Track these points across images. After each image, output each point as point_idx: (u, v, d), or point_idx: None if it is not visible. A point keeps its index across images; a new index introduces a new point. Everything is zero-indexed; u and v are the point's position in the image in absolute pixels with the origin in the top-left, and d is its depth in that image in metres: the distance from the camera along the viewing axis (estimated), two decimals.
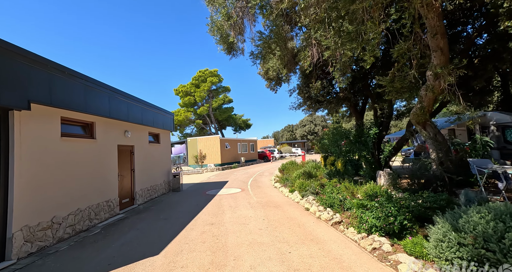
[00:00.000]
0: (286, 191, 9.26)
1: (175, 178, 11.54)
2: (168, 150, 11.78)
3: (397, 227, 3.93)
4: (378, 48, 4.12)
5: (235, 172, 18.87)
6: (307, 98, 9.34)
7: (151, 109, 9.61)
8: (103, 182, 6.60)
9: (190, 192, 11.16)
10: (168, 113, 11.45)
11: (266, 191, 10.10)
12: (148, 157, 9.53)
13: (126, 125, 7.99)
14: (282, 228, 5.27)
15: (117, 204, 7.13)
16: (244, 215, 6.55)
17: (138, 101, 8.51)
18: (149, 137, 9.95)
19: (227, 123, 42.96)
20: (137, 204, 8.37)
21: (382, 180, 7.57)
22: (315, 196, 7.62)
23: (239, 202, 8.28)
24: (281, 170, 14.30)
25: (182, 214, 7.04)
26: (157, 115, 10.18)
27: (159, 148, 10.67)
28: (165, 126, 11.05)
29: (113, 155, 7.16)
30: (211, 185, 12.79)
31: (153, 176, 9.85)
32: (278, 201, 8.11)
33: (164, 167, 11.09)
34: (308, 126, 45.04)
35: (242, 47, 6.90)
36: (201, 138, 23.88)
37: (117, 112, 7.23)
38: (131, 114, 8.05)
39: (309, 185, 8.04)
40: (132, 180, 8.31)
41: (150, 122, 9.50)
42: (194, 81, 36.28)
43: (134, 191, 8.35)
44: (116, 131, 7.44)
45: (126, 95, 7.75)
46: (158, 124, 10.27)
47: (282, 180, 11.02)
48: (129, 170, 8.19)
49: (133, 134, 8.43)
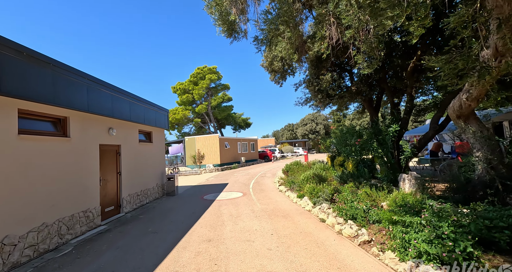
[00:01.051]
0: (294, 196, 8.22)
1: (170, 181, 10.48)
2: (162, 149, 10.71)
3: (462, 257, 2.88)
4: (429, 14, 3.06)
5: (235, 173, 17.82)
6: (317, 92, 8.29)
7: (141, 104, 8.54)
8: (79, 189, 5.53)
9: (186, 196, 10.11)
10: (161, 110, 10.37)
11: (270, 196, 9.06)
12: (138, 158, 8.47)
13: (110, 122, 6.91)
14: (297, 247, 4.23)
15: (98, 213, 6.07)
16: (248, 227, 5.50)
17: (125, 94, 7.43)
18: (140, 135, 8.88)
19: (227, 122, 41.86)
20: (124, 212, 7.31)
21: (407, 185, 6.53)
22: (329, 203, 6.59)
23: (241, 209, 7.24)
24: (285, 171, 13.27)
25: (175, 225, 5.98)
26: (148, 111, 9.10)
27: (152, 147, 9.60)
28: (158, 123, 9.99)
29: (93, 156, 6.10)
30: (210, 188, 11.74)
31: (144, 179, 8.79)
32: (286, 208, 7.06)
33: (157, 168, 10.02)
34: (310, 125, 43.98)
35: (245, 29, 5.84)
36: (199, 137, 22.80)
37: (99, 106, 6.16)
38: (117, 109, 6.98)
39: (322, 190, 7.00)
40: (118, 185, 7.25)
41: (140, 119, 8.43)
42: (193, 79, 35.16)
43: (121, 198, 7.28)
44: (98, 128, 6.38)
45: (110, 87, 6.67)
46: (150, 122, 9.20)
47: (288, 183, 9.98)
48: (114, 173, 7.12)
49: (120, 132, 7.36)
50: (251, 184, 12.19)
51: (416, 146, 8.00)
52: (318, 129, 43.51)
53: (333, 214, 5.64)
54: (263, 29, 6.51)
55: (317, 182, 8.08)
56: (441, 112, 7.40)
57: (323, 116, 46.40)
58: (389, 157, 7.66)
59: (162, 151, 10.64)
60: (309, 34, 7.25)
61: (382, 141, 7.77)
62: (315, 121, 44.61)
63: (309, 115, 45.91)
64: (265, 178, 14.19)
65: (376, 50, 4.72)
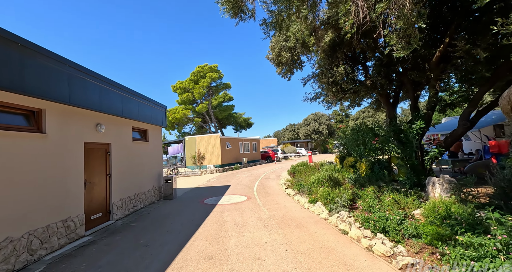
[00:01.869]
0: (304, 201, 7.37)
1: (167, 183, 9.64)
2: (159, 149, 9.88)
3: None
4: None
5: (237, 174, 16.98)
6: (331, 84, 7.43)
7: (135, 98, 7.71)
8: (58, 194, 4.70)
9: (185, 200, 9.27)
10: (158, 106, 9.55)
11: (278, 200, 8.21)
12: (132, 158, 7.64)
13: (98, 117, 6.09)
14: (320, 269, 3.38)
15: (81, 222, 5.23)
16: (257, 240, 4.66)
17: (116, 86, 6.61)
18: (134, 133, 8.06)
19: (228, 122, 41.03)
20: (114, 219, 6.47)
21: (438, 190, 5.67)
22: (347, 210, 5.74)
23: (246, 216, 6.40)
24: (291, 172, 12.42)
25: (171, 236, 5.15)
26: (144, 107, 8.28)
27: (147, 146, 8.77)
28: (155, 120, 9.16)
29: (76, 155, 5.27)
30: (211, 191, 10.90)
31: (138, 181, 7.96)
32: (297, 216, 6.21)
33: (154, 169, 9.19)
34: (313, 125, 43.07)
35: (253, 8, 5.01)
36: (199, 137, 21.98)
37: (83, 99, 5.34)
38: (106, 103, 6.15)
39: (338, 196, 6.15)
40: (107, 188, 6.42)
41: (134, 114, 7.60)
42: (193, 77, 34.38)
43: (110, 203, 6.45)
44: (82, 124, 5.55)
45: (98, 77, 5.85)
46: (145, 118, 8.38)
47: (296, 185, 9.13)
48: (103, 175, 6.29)
49: (110, 129, 6.54)
50: (255, 187, 11.35)
51: (442, 145, 7.14)
52: (321, 130, 42.60)
53: (355, 224, 4.80)
54: (272, 11, 5.70)
55: (331, 185, 7.23)
56: (472, 107, 6.55)
57: (326, 116, 45.48)
58: (412, 158, 6.81)
59: (159, 150, 9.81)
60: (325, 18, 6.39)
61: (405, 139, 6.92)
62: (318, 121, 43.70)
63: (311, 115, 45.00)
64: (270, 180, 13.34)
65: (412, 29, 3.89)
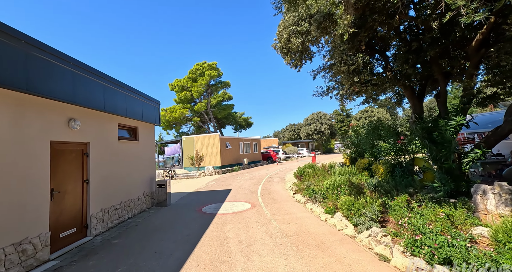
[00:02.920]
0: (320, 211, 6.28)
1: (161, 188, 8.52)
2: (151, 149, 8.76)
3: None
4: None
5: (238, 176, 15.87)
6: (352, 73, 6.32)
7: (122, 91, 6.59)
8: (7, 210, 3.58)
9: (180, 207, 8.15)
10: (150, 100, 8.43)
11: (287, 209, 7.11)
12: (118, 160, 6.52)
13: (71, 110, 4.97)
14: None
15: (45, 243, 4.11)
16: (270, 268, 3.56)
17: (95, 74, 5.49)
18: (120, 131, 6.94)
19: (227, 121, 39.88)
20: (93, 235, 5.34)
21: (492, 202, 4.56)
22: (378, 225, 4.65)
23: (252, 230, 5.29)
24: (297, 175, 11.31)
25: (159, 261, 4.03)
26: (132, 101, 7.16)
27: (137, 146, 7.65)
28: (146, 117, 8.04)
29: (39, 158, 4.15)
30: (209, 196, 9.78)
31: (125, 187, 6.84)
32: (315, 231, 5.11)
33: (145, 173, 8.07)
34: (314, 125, 41.96)
35: None
36: (198, 136, 20.85)
37: (49, 86, 4.22)
38: (82, 94, 5.04)
39: (366, 206, 5.05)
40: (84, 198, 5.29)
41: (120, 109, 6.49)
42: (191, 75, 33.23)
43: (88, 215, 5.32)
44: (49, 118, 4.43)
45: (69, 61, 4.73)
46: (134, 114, 7.26)
47: (307, 191, 8.04)
48: (78, 181, 5.17)
49: (88, 126, 5.42)
50: (258, 191, 10.25)
51: (481, 145, 6.07)
52: (323, 129, 41.51)
53: (398, 248, 3.71)
54: None
55: (352, 193, 6.13)
56: None
57: (327, 116, 44.39)
58: (449, 160, 5.74)
59: (151, 151, 8.69)
60: None
61: (439, 138, 5.85)
62: (319, 121, 42.60)
63: (313, 115, 43.89)
64: (274, 183, 12.24)
65: None
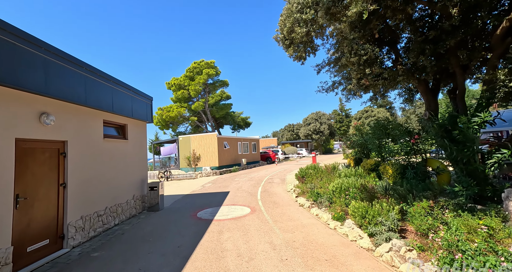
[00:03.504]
0: (327, 217, 5.66)
1: (153, 191, 7.85)
2: (143, 149, 8.09)
3: None
4: None
5: (237, 178, 15.22)
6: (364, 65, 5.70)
7: (107, 83, 5.93)
8: None
9: (174, 211, 7.49)
10: (142, 96, 7.76)
11: (290, 214, 6.48)
12: (103, 161, 5.86)
13: (43, 103, 4.31)
14: None
15: (6, 261, 3.43)
16: None
17: (74, 62, 4.82)
18: (106, 129, 6.27)
19: (225, 121, 39.23)
20: (71, 247, 4.67)
21: None
22: (398, 236, 4.04)
23: (253, 241, 4.66)
24: (299, 177, 10.68)
25: None
26: (120, 95, 6.50)
27: (126, 146, 6.99)
28: (137, 114, 7.38)
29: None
30: (206, 199, 9.12)
31: (112, 191, 6.17)
32: (325, 242, 4.48)
33: (136, 174, 7.41)
34: (314, 125, 41.38)
35: None
36: (195, 136, 20.17)
37: (10, 73, 3.56)
38: (57, 84, 4.38)
39: (382, 214, 4.44)
40: (60, 203, 4.62)
41: (105, 104, 5.82)
42: (189, 74, 32.54)
43: (65, 223, 4.65)
44: (12, 111, 3.77)
45: (40, 45, 4.07)
46: (123, 110, 6.60)
47: (311, 194, 7.41)
48: (53, 185, 4.50)
49: (65, 122, 4.75)
50: (258, 193, 9.61)
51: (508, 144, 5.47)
52: (322, 129, 40.94)
53: (430, 268, 3.09)
54: None
55: (364, 197, 5.51)
56: None
57: (327, 116, 43.83)
58: (473, 161, 5.14)
59: (143, 150, 8.02)
60: None
61: (461, 137, 5.25)
62: (319, 120, 42.02)
63: (312, 115, 43.31)
64: (274, 185, 11.61)
65: None
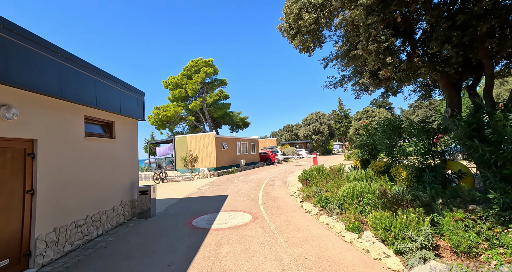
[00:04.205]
0: (340, 227, 4.95)
1: (144, 195, 7.10)
2: (133, 149, 7.34)
3: None
4: None
5: (235, 179, 14.48)
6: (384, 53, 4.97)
7: (89, 74, 5.18)
8: None
9: (166, 219, 6.74)
10: (132, 90, 7.02)
11: (297, 222, 5.76)
12: (85, 162, 5.11)
13: (4, 93, 3.56)
14: None
15: None
16: None
17: (44, 46, 4.07)
18: (88, 126, 5.51)
19: (223, 121, 38.45)
20: (39, 265, 3.91)
21: None
22: (433, 256, 3.33)
23: (257, 258, 3.94)
24: (303, 179, 9.98)
25: None
26: (106, 89, 5.75)
27: (113, 145, 6.24)
28: (126, 110, 6.64)
29: None
30: (203, 203, 8.38)
31: (96, 196, 5.41)
32: (342, 260, 3.77)
33: (124, 177, 6.65)
34: (313, 125, 40.73)
35: None
36: (192, 136, 19.41)
37: None
38: (21, 71, 3.63)
39: (411, 227, 3.73)
40: (26, 214, 3.86)
41: (87, 98, 5.07)
42: (186, 72, 31.77)
43: (33, 237, 3.89)
44: None
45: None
46: (109, 105, 5.85)
47: (318, 200, 6.70)
48: (18, 192, 3.75)
49: (34, 116, 4.01)
50: (259, 197, 8.89)
51: None
52: (322, 130, 40.30)
53: None
54: None
55: (386, 205, 4.80)
56: None
57: (327, 116, 43.23)
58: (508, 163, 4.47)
59: (133, 151, 7.27)
60: None
61: (496, 136, 4.58)
62: (318, 121, 41.38)
63: (312, 115, 42.66)
64: (276, 188, 10.89)
65: None
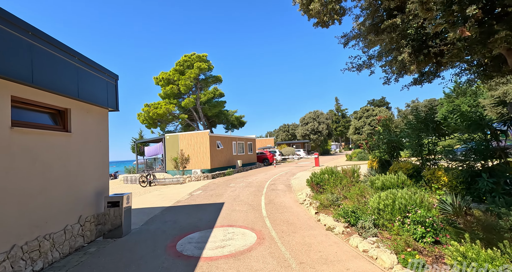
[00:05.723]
0: (387, 259, 3.39)
1: (114, 208, 5.42)
2: (102, 147, 5.64)
3: None
4: None
5: (232, 183, 12.84)
6: (460, 2, 3.41)
7: (20, 35, 3.50)
8: None
9: (142, 240, 5.07)
10: (97, 69, 5.33)
11: (319, 246, 4.18)
12: (12, 164, 3.43)
13: None
14: None
15: None
16: None
17: None
18: (22, 112, 3.82)
19: (218, 120, 36.73)
20: None
21: None
22: None
23: None
24: (313, 183, 8.39)
25: None
26: (53, 61, 4.07)
27: (69, 142, 4.56)
28: (87, 94, 4.96)
29: None
30: (193, 215, 6.72)
31: (33, 214, 3.73)
32: None
33: (86, 185, 4.96)
34: (311, 125, 39.38)
35: None
36: (183, 134, 17.70)
37: None
38: None
39: None
40: None
41: (14, 69, 3.39)
42: (178, 67, 29.98)
43: None
44: None
45: None
46: (58, 85, 4.18)
47: (345, 214, 5.15)
48: None
49: None
50: (262, 206, 7.29)
51: None
52: (320, 129, 38.99)
53: None
54: None
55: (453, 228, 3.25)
56: None
57: (325, 115, 41.96)
58: None
59: (101, 149, 5.57)
60: None
61: None
62: (317, 120, 40.05)
63: (310, 114, 41.31)
64: (280, 193, 9.31)
65: None
